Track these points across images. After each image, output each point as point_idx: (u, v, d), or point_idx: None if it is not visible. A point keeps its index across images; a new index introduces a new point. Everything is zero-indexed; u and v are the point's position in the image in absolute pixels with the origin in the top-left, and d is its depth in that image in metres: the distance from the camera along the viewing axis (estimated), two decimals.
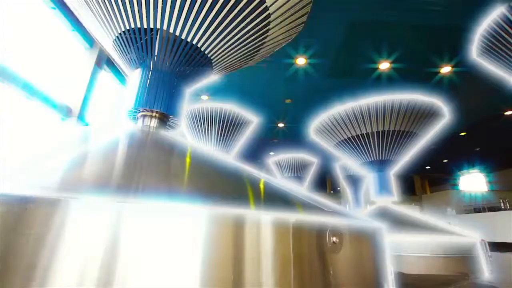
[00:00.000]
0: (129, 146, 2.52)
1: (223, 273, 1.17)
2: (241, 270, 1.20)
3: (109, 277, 1.04)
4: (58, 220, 1.09)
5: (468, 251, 8.23)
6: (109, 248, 1.08)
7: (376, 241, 2.05)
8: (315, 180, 22.33)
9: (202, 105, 9.65)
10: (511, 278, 4.82)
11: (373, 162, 10.98)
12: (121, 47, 3.76)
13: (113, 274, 1.05)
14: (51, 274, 1.01)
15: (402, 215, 10.79)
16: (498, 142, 14.09)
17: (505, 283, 4.34)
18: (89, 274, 1.04)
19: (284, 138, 13.06)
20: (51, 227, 1.07)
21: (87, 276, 1.03)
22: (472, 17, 5.71)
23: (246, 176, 2.30)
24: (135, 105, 3.40)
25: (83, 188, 1.36)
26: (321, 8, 5.30)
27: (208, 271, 1.15)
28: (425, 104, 9.44)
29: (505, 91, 8.49)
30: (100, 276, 1.04)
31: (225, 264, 1.18)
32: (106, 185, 1.45)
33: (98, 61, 6.30)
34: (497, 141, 13.92)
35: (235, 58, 4.49)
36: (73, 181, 1.43)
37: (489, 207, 16.19)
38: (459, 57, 6.98)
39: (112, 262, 1.06)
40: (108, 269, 1.05)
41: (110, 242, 1.09)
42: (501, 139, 13.54)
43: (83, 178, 1.51)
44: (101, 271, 1.04)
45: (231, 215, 1.27)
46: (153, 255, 1.12)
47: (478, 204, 17.20)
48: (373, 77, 7.76)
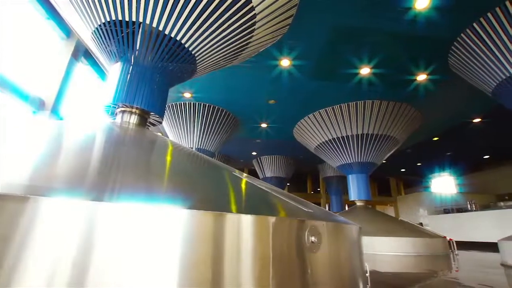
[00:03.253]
0: (106, 142, 2.42)
1: (201, 273, 1.15)
2: (219, 270, 1.19)
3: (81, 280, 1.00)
4: (26, 220, 1.02)
5: (437, 250, 8.72)
6: (82, 250, 1.03)
7: (352, 240, 2.12)
8: (296, 180, 22.67)
9: (185, 103, 9.50)
10: (475, 274, 5.15)
11: (352, 164, 11.34)
12: (100, 39, 3.62)
13: (85, 277, 1.01)
14: (17, 276, 0.95)
15: (377, 215, 11.21)
16: (467, 147, 15.03)
17: (469, 279, 4.64)
18: (59, 277, 0.99)
19: (267, 138, 13.12)
20: (17, 227, 1.00)
21: (56, 279, 0.98)
22: (447, 29, 6.03)
23: (227, 176, 2.29)
24: (114, 100, 3.28)
25: (54, 186, 1.29)
26: (306, 11, 5.38)
27: (186, 272, 1.13)
28: (402, 109, 9.89)
29: (473, 100, 9.05)
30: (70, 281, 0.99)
31: (204, 265, 1.17)
32: (80, 183, 1.39)
33: (75, 52, 6.01)
34: (466, 146, 14.85)
35: (220, 56, 4.46)
36: (43, 179, 1.35)
37: (458, 208, 17.19)
38: (434, 66, 7.36)
39: (84, 264, 1.02)
40: (80, 271, 1.01)
41: (83, 243, 1.04)
42: (470, 144, 14.45)
43: (54, 175, 1.43)
44: (72, 274, 1.00)
45: (211, 216, 1.26)
46: (128, 256, 1.08)
47: (448, 206, 18.23)
48: (354, 81, 8.00)
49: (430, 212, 18.64)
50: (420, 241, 8.51)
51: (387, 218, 11.14)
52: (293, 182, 21.36)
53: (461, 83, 7.52)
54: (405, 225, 10.09)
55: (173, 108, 9.74)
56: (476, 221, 14.38)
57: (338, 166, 11.91)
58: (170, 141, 3.02)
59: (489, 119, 10.77)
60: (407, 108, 9.75)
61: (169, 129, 10.37)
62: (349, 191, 11.55)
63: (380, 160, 11.40)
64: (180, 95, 9.00)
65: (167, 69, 3.73)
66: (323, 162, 16.67)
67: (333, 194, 19.06)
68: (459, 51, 6.60)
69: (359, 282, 2.03)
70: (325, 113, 10.17)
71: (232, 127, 10.98)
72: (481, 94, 7.36)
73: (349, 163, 11.18)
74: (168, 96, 4.04)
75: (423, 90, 8.49)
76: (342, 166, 11.66)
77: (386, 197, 23.64)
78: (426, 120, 10.75)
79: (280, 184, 16.69)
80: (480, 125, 11.43)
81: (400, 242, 8.44)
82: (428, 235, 9.10)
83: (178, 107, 9.69)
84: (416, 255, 7.98)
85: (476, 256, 8.76)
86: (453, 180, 22.10)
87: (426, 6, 5.39)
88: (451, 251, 9.06)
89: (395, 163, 17.14)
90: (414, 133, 11.71)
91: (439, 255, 8.24)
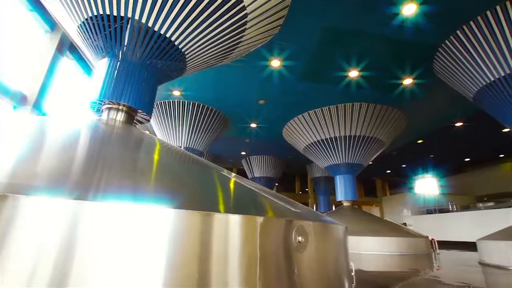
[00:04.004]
0: (92, 139, 2.36)
1: (187, 273, 1.14)
2: (206, 270, 1.19)
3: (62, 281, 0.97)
4: (4, 219, 0.98)
5: (420, 249, 8.99)
6: (64, 250, 1.00)
7: (339, 240, 2.15)
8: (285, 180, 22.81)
9: (174, 101, 9.38)
10: (454, 273, 5.34)
11: (340, 165, 11.52)
12: (87, 33, 3.51)
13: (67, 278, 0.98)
14: None
15: (363, 216, 11.45)
16: (449, 150, 15.57)
17: (449, 277, 4.81)
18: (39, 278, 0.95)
19: (256, 138, 13.14)
20: None
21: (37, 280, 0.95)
22: (432, 36, 6.23)
23: (216, 176, 2.28)
24: (100, 96, 3.20)
25: (34, 184, 1.24)
26: (297, 13, 5.42)
27: (172, 272, 1.12)
28: (389, 112, 10.13)
29: (456, 105, 9.39)
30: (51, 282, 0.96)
31: (190, 265, 1.16)
32: (63, 182, 1.34)
33: (59, 46, 5.82)
34: (448, 149, 15.38)
35: (210, 55, 4.43)
36: (24, 176, 1.30)
37: (440, 209, 17.80)
38: (419, 71, 7.59)
39: (66, 265, 0.99)
40: (62, 272, 0.98)
41: (65, 243, 1.01)
42: (452, 147, 14.98)
43: (35, 173, 1.38)
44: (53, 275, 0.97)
45: (198, 216, 1.25)
46: (113, 257, 1.06)
47: (431, 206, 18.84)
48: (343, 83, 8.13)
49: (414, 213, 19.19)
50: (404, 241, 8.75)
51: (372, 218, 11.39)
52: (281, 182, 21.49)
53: (445, 88, 7.77)
54: (389, 225, 10.35)
55: (162, 106, 9.60)
56: (456, 221, 14.92)
57: (326, 167, 12.07)
58: (158, 139, 2.97)
59: (470, 123, 11.19)
60: (394, 111, 10.00)
61: (157, 127, 10.21)
62: (336, 192, 11.73)
63: (366, 161, 11.64)
64: (169, 93, 8.88)
65: (155, 66, 3.67)
66: (312, 163, 16.86)
67: (320, 194, 19.30)
68: (443, 57, 6.82)
69: (344, 281, 2.06)
70: (314, 114, 10.28)
71: (222, 126, 10.92)
72: (463, 99, 7.64)
73: (337, 164, 11.36)
74: (157, 93, 3.98)
75: (409, 94, 8.73)
76: (330, 167, 11.83)
77: (372, 198, 24.16)
78: (411, 123, 11.05)
79: (268, 184, 16.75)
80: (462, 129, 11.87)
81: (385, 241, 8.65)
82: (411, 235, 9.37)
83: (166, 105, 9.55)
84: (400, 254, 8.19)
85: (456, 255, 9.09)
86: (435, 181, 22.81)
87: (413, 12, 5.54)
88: (433, 250, 9.36)
89: (381, 164, 17.53)
90: (400, 136, 12.02)
91: (421, 254, 8.50)
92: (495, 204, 15.01)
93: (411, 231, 10.15)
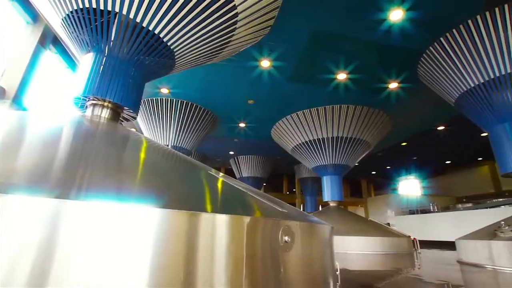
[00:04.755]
0: (75, 136, 2.29)
1: (173, 273, 1.13)
2: (192, 270, 1.17)
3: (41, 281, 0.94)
4: None
5: (402, 249, 9.25)
6: (43, 251, 0.97)
7: (324, 240, 2.18)
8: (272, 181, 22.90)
9: (162, 99, 9.22)
10: (435, 271, 5.53)
11: (327, 166, 11.69)
12: (72, 26, 3.40)
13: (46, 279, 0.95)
14: None
15: (349, 216, 11.67)
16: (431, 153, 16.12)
17: (429, 275, 4.97)
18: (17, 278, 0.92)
19: (245, 138, 13.12)
20: None
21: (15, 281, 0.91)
22: (417, 42, 6.43)
23: (203, 175, 2.26)
24: (84, 92, 3.10)
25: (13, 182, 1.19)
26: (288, 14, 5.46)
27: (157, 272, 1.10)
28: (375, 115, 10.37)
29: (438, 109, 9.72)
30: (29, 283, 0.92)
31: (176, 265, 1.14)
32: (43, 180, 1.30)
33: (42, 39, 5.60)
34: (431, 152, 15.92)
35: (199, 53, 4.38)
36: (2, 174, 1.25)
37: (422, 210, 18.38)
38: (404, 75, 7.82)
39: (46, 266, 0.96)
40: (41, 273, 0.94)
41: (45, 243, 0.98)
42: (434, 150, 15.51)
43: (14, 170, 1.32)
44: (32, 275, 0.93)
45: (184, 216, 1.24)
46: (96, 257, 1.03)
47: (413, 207, 19.43)
48: (331, 85, 8.25)
49: (397, 213, 19.71)
50: (387, 240, 8.98)
51: (357, 218, 11.61)
52: (269, 182, 21.57)
53: (428, 92, 8.04)
54: (373, 225, 10.59)
55: (149, 104, 9.42)
56: (437, 221, 15.44)
57: (314, 168, 12.21)
58: (144, 137, 2.91)
59: (451, 127, 11.62)
60: (380, 114, 10.24)
61: (144, 125, 10.02)
62: (323, 192, 11.90)
63: (353, 162, 11.86)
64: (157, 90, 8.73)
65: (143, 63, 3.60)
66: (299, 163, 17.01)
67: (308, 194, 19.50)
68: (427, 63, 7.05)
69: (329, 280, 2.09)
70: (302, 115, 10.38)
71: (210, 126, 10.84)
72: (445, 103, 7.93)
73: (324, 165, 11.51)
74: (144, 91, 3.91)
75: (394, 97, 8.96)
76: (317, 168, 11.98)
77: (358, 198, 24.64)
78: (396, 125, 11.35)
79: (256, 184, 16.77)
80: (444, 132, 12.30)
81: (369, 241, 8.84)
82: (394, 234, 9.62)
83: (154, 103, 9.38)
84: (383, 254, 8.40)
85: (436, 254, 9.41)
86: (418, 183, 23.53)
87: (400, 18, 5.69)
88: (415, 249, 9.65)
89: (367, 165, 17.92)
90: (385, 138, 12.32)
91: (404, 254, 8.74)
92: (474, 205, 15.66)
93: (394, 231, 10.43)
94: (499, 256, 5.35)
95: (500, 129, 6.39)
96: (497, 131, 6.49)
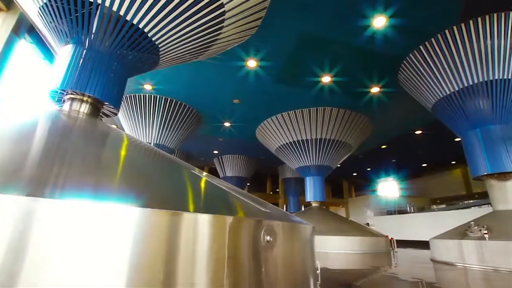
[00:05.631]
0: (50, 131, 2.18)
1: (152, 274, 1.10)
2: (172, 270, 1.15)
3: (10, 282, 0.89)
4: None
5: (380, 248, 9.57)
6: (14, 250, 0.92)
7: (306, 239, 2.22)
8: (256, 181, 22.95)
9: (145, 95, 8.99)
10: (410, 269, 5.77)
11: (310, 167, 11.88)
12: (50, 16, 3.24)
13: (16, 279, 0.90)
14: None
15: (330, 216, 11.92)
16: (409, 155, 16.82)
17: (405, 274, 5.18)
18: None
19: (229, 137, 13.06)
20: None
21: None
22: (399, 48, 6.68)
23: (186, 175, 2.23)
24: (62, 85, 2.97)
25: None
26: (275, 15, 5.49)
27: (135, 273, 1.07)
28: (357, 118, 10.66)
29: (416, 114, 10.14)
30: None
31: (155, 265, 1.12)
32: (14, 177, 1.23)
33: (16, 27, 5.30)
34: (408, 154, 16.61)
35: (185, 50, 4.31)
36: None
37: (399, 210, 19.10)
38: (386, 80, 8.10)
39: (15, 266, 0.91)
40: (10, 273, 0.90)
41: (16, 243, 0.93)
42: (411, 153, 16.19)
43: None
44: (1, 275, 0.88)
45: (165, 215, 1.21)
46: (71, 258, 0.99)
47: (391, 208, 20.16)
48: (316, 88, 8.39)
49: (376, 213, 20.35)
50: (366, 240, 9.25)
51: (338, 218, 11.88)
52: (253, 182, 21.59)
53: (407, 98, 8.36)
54: (353, 225, 10.87)
55: (131, 100, 9.16)
56: (413, 221, 16.09)
57: (297, 168, 12.37)
58: (125, 134, 2.83)
59: (428, 131, 12.16)
60: (361, 117, 10.53)
61: (126, 122, 9.72)
62: (306, 193, 12.08)
63: (335, 164, 12.13)
64: (140, 86, 8.50)
65: (126, 58, 3.50)
66: (283, 164, 17.16)
67: (291, 195, 19.71)
68: (407, 69, 7.33)
69: (310, 279, 2.13)
70: (287, 116, 10.48)
71: (194, 124, 10.70)
72: (422, 109, 8.28)
73: (307, 165, 11.69)
74: (126, 86, 3.79)
75: (376, 101, 9.25)
76: (300, 168, 12.14)
77: (339, 199, 25.20)
78: (376, 129, 11.72)
79: (240, 184, 16.74)
80: (421, 136, 12.86)
81: (349, 241, 9.08)
82: (373, 234, 9.93)
83: (137, 99, 9.13)
84: (362, 253, 8.65)
85: (412, 253, 9.80)
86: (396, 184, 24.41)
87: (383, 25, 5.87)
88: (392, 249, 10.01)
89: (348, 167, 18.37)
90: (366, 141, 12.69)
91: (382, 253, 9.04)
92: (447, 206, 16.46)
93: (373, 231, 10.76)
94: (468, 254, 5.66)
95: (472, 135, 6.76)
96: (469, 137, 6.87)
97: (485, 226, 5.90)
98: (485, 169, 6.40)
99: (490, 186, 6.66)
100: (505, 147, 6.23)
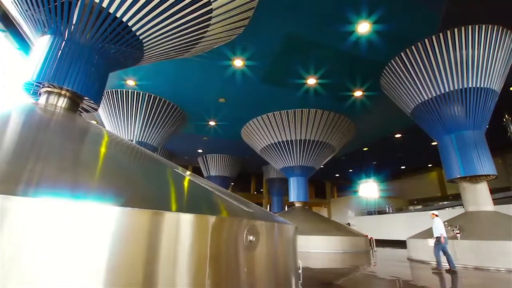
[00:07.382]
0: (24, 126, 2.07)
1: (131, 274, 1.07)
2: (152, 270, 1.12)
3: None
4: None
5: (360, 247, 9.84)
6: None
7: (288, 239, 2.23)
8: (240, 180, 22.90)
9: (127, 91, 8.72)
10: (388, 268, 5.98)
11: (294, 167, 12.02)
12: (26, 3, 3.07)
13: None
14: None
15: (313, 216, 12.11)
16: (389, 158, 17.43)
17: (383, 272, 5.36)
18: None
19: (214, 136, 12.94)
20: None
21: None
22: (381, 54, 6.89)
23: (169, 173, 2.18)
24: (38, 77, 2.82)
25: None
26: (262, 16, 5.50)
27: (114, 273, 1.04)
28: (341, 120, 10.90)
29: (396, 118, 10.51)
30: None
31: (135, 265, 1.09)
32: None
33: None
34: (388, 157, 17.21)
35: (170, 46, 4.23)
36: None
37: (379, 211, 19.73)
38: (368, 85, 8.33)
39: None
40: None
41: None
42: (391, 156, 16.79)
43: None
44: None
45: (146, 214, 1.18)
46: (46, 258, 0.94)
47: (371, 208, 20.78)
48: (302, 89, 8.50)
49: (357, 214, 20.90)
50: (347, 240, 9.48)
51: (320, 218, 12.10)
52: (237, 182, 21.54)
53: (388, 102, 8.64)
54: (335, 225, 11.11)
55: (113, 95, 8.87)
56: (391, 222, 16.66)
57: (281, 169, 12.47)
58: (106, 131, 2.73)
59: (407, 135, 12.64)
60: (345, 120, 10.77)
61: (106, 118, 9.40)
62: (290, 193, 12.20)
63: (318, 165, 12.33)
64: (123, 82, 8.25)
65: (108, 51, 3.38)
66: (267, 164, 17.24)
67: (274, 195, 19.84)
68: (388, 74, 7.59)
69: (291, 279, 2.14)
70: (272, 117, 10.54)
71: (179, 122, 10.52)
72: (402, 113, 8.60)
73: (291, 166, 11.82)
74: (108, 81, 3.66)
75: (359, 104, 9.50)
76: (284, 169, 12.25)
77: (322, 200, 25.65)
78: (359, 132, 12.03)
79: (224, 184, 16.64)
80: (400, 139, 13.34)
81: (330, 240, 9.26)
82: (354, 234, 10.20)
83: (119, 95, 8.85)
84: (343, 252, 8.85)
85: (390, 252, 10.14)
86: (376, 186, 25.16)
87: (367, 31, 6.04)
88: (371, 248, 10.31)
89: (331, 168, 18.74)
90: (349, 143, 13.00)
91: (361, 252, 9.30)
92: (423, 207, 17.17)
93: (353, 231, 11.04)
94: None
95: (447, 140, 7.11)
96: (445, 141, 7.21)
97: (458, 226, 6.21)
98: (459, 172, 6.74)
99: (463, 188, 7.03)
100: (476, 152, 6.59)
